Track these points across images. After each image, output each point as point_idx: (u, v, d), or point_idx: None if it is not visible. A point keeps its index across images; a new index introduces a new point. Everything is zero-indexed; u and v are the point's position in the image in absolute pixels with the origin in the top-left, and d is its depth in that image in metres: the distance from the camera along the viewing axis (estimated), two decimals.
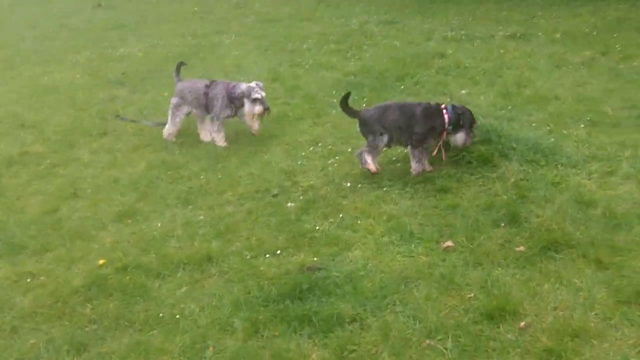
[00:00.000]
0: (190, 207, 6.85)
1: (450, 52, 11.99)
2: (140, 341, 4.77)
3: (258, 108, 8.20)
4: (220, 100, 8.40)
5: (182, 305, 5.16)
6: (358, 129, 7.09)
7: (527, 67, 10.64)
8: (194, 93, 8.61)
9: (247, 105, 8.23)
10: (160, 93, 11.19)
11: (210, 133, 8.61)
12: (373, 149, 6.95)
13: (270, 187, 7.06)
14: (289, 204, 6.61)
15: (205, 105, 8.56)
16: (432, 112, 6.88)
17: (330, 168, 7.36)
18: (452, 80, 10.28)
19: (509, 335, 4.42)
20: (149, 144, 8.80)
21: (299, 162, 7.60)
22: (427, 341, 4.44)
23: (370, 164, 6.89)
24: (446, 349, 4.36)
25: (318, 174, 7.25)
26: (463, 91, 9.60)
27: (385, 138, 6.93)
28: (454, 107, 6.91)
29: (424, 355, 4.34)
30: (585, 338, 4.32)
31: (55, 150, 8.91)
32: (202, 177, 7.54)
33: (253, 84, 8.25)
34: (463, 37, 13.21)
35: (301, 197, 6.73)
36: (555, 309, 4.64)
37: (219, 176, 7.50)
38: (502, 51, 11.78)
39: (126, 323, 5.03)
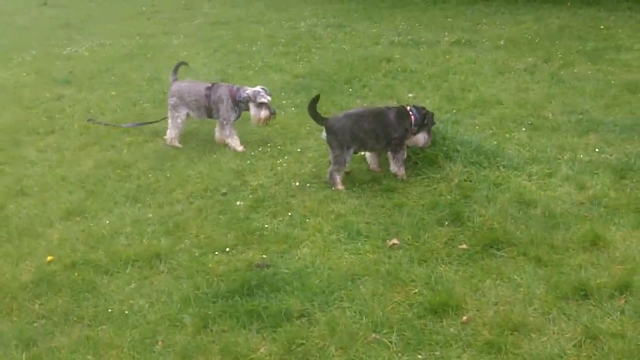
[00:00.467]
0: (139, 205, 6.85)
1: (397, 56, 12.20)
2: (90, 336, 4.79)
3: (264, 113, 7.98)
4: (225, 103, 8.14)
5: (131, 301, 5.18)
6: (324, 137, 6.93)
7: (472, 72, 10.89)
8: (193, 95, 8.32)
9: (253, 110, 8.03)
10: (107, 92, 11.15)
11: (225, 139, 8.26)
12: (342, 166, 6.83)
13: (219, 186, 7.11)
14: (238, 203, 6.67)
15: (207, 108, 8.28)
16: (403, 115, 6.92)
17: (279, 168, 7.44)
18: (399, 84, 10.46)
19: (451, 329, 4.56)
20: (96, 142, 8.76)
21: (248, 162, 7.66)
22: (373, 335, 4.55)
23: (340, 184, 6.80)
24: (391, 342, 4.48)
25: (267, 174, 7.33)
26: (410, 94, 9.78)
27: (351, 151, 6.84)
28: (416, 108, 7.02)
29: (370, 348, 4.44)
30: (524, 332, 4.48)
31: (2, 148, 8.80)
32: (150, 175, 7.54)
33: (258, 88, 8.06)
34: (409, 42, 13.43)
35: (250, 196, 6.80)
36: (496, 304, 4.80)
37: (168, 175, 7.51)
38: (447, 56, 12.03)
39: (75, 318, 5.03)
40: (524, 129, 8.04)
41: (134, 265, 5.70)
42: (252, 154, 7.92)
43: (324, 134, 6.89)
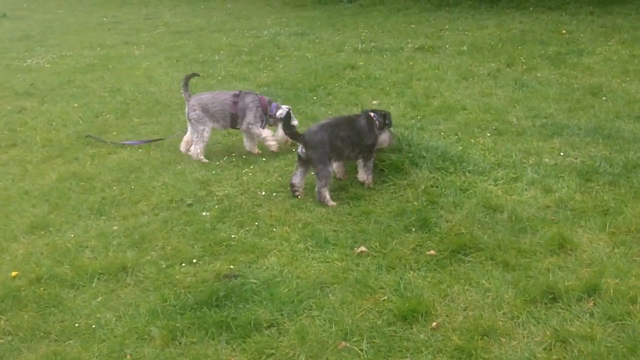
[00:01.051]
0: (104, 217, 6.76)
1: (361, 63, 12.24)
2: (57, 351, 4.70)
3: None
4: (254, 110, 7.98)
5: (98, 315, 5.10)
6: (302, 153, 6.73)
7: (436, 78, 10.95)
8: (218, 105, 8.07)
9: (282, 130, 7.69)
10: (69, 104, 11.02)
11: (262, 137, 8.07)
12: (328, 180, 6.64)
13: (184, 196, 7.04)
14: (204, 213, 6.61)
15: (232, 115, 8.07)
16: (371, 121, 6.89)
17: (245, 177, 7.39)
18: (363, 91, 10.48)
19: (421, 335, 4.55)
20: (59, 155, 8.64)
21: (213, 172, 7.60)
22: (343, 343, 4.53)
23: (329, 199, 6.63)
24: (362, 350, 4.46)
25: (233, 183, 7.28)
26: (374, 102, 9.80)
27: (332, 162, 6.73)
28: (375, 112, 7.02)
29: (340, 357, 4.42)
30: (494, 336, 4.48)
31: None
32: (114, 187, 7.45)
33: (287, 109, 7.90)
34: (373, 49, 13.50)
35: (216, 206, 6.74)
36: (465, 309, 4.81)
37: (132, 186, 7.43)
38: (411, 63, 12.09)
39: (42, 334, 4.94)
40: (488, 134, 8.09)
41: (100, 279, 5.61)
42: (217, 163, 7.86)
43: (300, 149, 6.74)
